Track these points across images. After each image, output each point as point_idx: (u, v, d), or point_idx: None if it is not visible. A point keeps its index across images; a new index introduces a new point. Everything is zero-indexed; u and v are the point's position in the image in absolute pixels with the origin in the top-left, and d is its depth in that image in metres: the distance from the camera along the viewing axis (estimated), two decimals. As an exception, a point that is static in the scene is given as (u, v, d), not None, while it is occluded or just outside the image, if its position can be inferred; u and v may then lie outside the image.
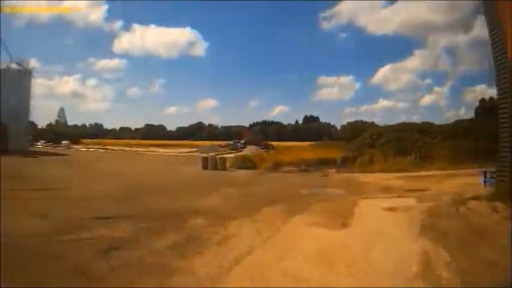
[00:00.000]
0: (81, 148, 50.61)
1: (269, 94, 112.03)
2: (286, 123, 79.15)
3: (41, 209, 8.70)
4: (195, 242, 6.26)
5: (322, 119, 77.57)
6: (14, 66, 37.19)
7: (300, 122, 79.14)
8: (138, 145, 55.81)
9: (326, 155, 23.02)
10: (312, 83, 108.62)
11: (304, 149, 30.55)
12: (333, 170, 19.57)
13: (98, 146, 52.80)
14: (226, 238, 6.48)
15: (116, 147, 50.09)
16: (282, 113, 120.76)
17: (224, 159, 21.74)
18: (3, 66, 36.52)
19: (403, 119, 61.86)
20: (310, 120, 76.81)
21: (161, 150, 43.98)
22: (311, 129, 67.83)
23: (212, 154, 29.15)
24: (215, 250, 5.82)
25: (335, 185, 14.18)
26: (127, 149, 47.94)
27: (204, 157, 22.18)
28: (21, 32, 78.38)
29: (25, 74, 38.25)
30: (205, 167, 20.46)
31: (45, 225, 7.31)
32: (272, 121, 79.42)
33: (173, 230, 7.02)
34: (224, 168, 20.36)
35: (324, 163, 21.36)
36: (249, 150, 32.39)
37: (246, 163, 21.50)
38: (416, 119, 56.94)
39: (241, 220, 7.85)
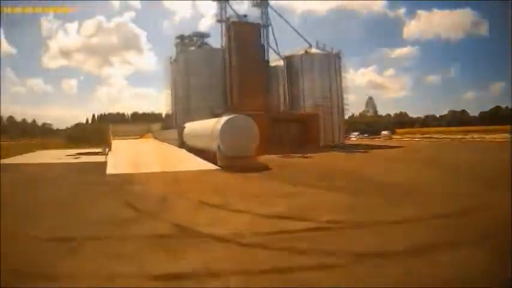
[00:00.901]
0: (403, 139, 46.28)
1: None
2: None
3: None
4: None
5: None
6: (314, 50, 33.95)
7: None
8: (451, 132, 53.61)
9: None
10: None
11: None
12: None
13: (419, 136, 49.68)
14: None
15: (439, 136, 46.82)
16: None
17: None
18: (301, 52, 33.74)
19: None
20: None
21: (487, 136, 40.95)
22: None
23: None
24: None
25: None
26: (451, 137, 44.46)
27: None
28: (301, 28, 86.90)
29: (332, 58, 33.84)
30: None
31: None
32: None
33: None
34: None
35: None
36: None
37: None
38: None
39: None
